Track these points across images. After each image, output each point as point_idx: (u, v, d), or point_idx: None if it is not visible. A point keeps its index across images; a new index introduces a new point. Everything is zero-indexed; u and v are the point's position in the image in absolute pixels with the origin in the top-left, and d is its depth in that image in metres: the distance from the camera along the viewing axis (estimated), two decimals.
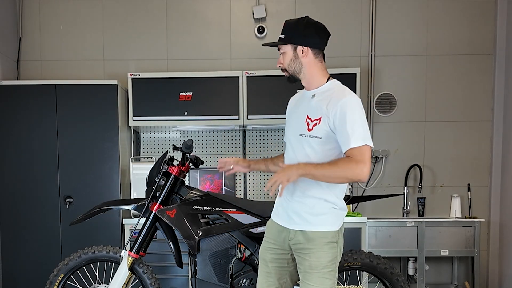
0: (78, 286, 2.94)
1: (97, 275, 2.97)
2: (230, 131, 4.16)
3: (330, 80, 2.05)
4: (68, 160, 3.63)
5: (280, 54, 2.07)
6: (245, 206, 2.59)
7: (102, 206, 2.73)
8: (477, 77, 4.14)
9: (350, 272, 2.88)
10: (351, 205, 3.90)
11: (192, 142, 2.56)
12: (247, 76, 3.76)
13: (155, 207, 2.59)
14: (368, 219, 3.71)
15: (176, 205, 2.56)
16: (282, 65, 2.07)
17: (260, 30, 4.11)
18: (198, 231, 2.51)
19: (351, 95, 1.94)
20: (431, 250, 3.82)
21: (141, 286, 2.73)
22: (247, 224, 2.56)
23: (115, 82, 3.66)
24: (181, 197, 2.65)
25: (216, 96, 3.78)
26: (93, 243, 2.81)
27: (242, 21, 4.17)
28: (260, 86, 3.76)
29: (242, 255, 2.60)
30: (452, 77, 4.15)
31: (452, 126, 4.16)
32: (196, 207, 2.57)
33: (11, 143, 3.62)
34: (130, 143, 4.00)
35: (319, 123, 1.96)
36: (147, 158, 4.00)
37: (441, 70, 4.15)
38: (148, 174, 2.70)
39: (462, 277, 4.18)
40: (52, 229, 3.63)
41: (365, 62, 4.14)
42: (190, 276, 2.69)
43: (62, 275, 2.71)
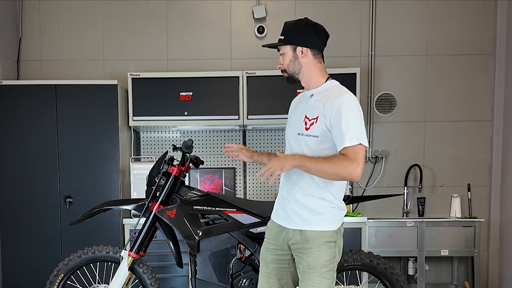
0: (78, 286, 2.94)
1: (97, 275, 2.97)
2: (230, 131, 4.16)
3: (329, 80, 2.06)
4: (68, 160, 3.63)
5: (280, 55, 2.09)
6: (245, 206, 2.60)
7: (102, 206, 2.73)
8: (477, 77, 4.14)
9: (350, 272, 2.88)
10: (351, 205, 3.90)
11: (192, 142, 2.56)
12: (247, 76, 3.76)
13: (155, 207, 2.59)
14: (368, 219, 3.72)
15: (176, 205, 2.57)
16: (282, 66, 2.09)
17: (260, 30, 4.12)
18: (198, 231, 2.51)
19: (347, 95, 1.95)
20: (431, 250, 3.82)
21: (141, 286, 2.73)
22: (247, 224, 2.56)
23: (115, 82, 3.66)
24: (181, 197, 2.65)
25: (216, 96, 3.78)
26: (93, 243, 2.82)
27: (242, 21, 4.17)
28: (260, 86, 3.76)
29: (242, 255, 2.60)
30: (452, 77, 4.15)
31: (452, 126, 4.16)
32: (196, 207, 2.57)
33: (11, 143, 3.62)
34: (130, 143, 4.00)
35: (316, 122, 1.97)
36: (147, 158, 4.00)
37: (441, 70, 4.15)
38: (148, 174, 2.71)
39: (462, 277, 4.18)
40: (52, 229, 3.63)
41: (365, 62, 4.14)
42: (190, 276, 2.69)
43: (62, 275, 2.71)
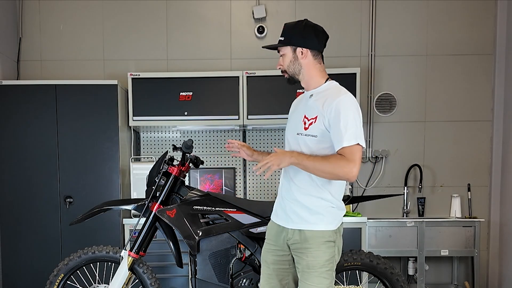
0: (78, 286, 2.94)
1: (97, 275, 2.97)
2: (230, 131, 4.16)
3: (328, 81, 2.08)
4: (68, 160, 3.63)
5: (280, 56, 2.10)
6: (245, 206, 2.60)
7: (102, 206, 2.73)
8: (477, 77, 4.14)
9: (350, 272, 2.88)
10: (351, 205, 3.90)
11: (192, 142, 2.56)
12: (247, 76, 3.76)
13: (155, 207, 2.59)
14: (368, 219, 3.72)
15: (176, 205, 2.57)
16: (282, 66, 2.10)
17: (260, 30, 4.12)
18: (198, 231, 2.51)
19: (346, 95, 1.97)
20: (431, 250, 3.82)
21: (141, 286, 2.73)
22: (247, 224, 2.56)
23: (115, 82, 3.66)
24: (181, 197, 2.65)
25: (216, 96, 3.78)
26: (93, 243, 2.82)
27: (242, 21, 4.17)
28: (260, 86, 3.75)
29: (242, 255, 2.60)
30: (452, 77, 4.15)
31: (452, 126, 4.16)
32: (196, 207, 2.57)
33: (11, 143, 3.62)
34: (130, 143, 4.00)
35: (315, 122, 1.99)
36: (147, 158, 4.00)
37: (441, 70, 4.15)
38: (148, 174, 2.71)
39: (462, 277, 4.18)
40: (52, 229, 3.63)
41: (365, 62, 4.14)
42: (190, 276, 2.69)
43: (62, 275, 2.71)
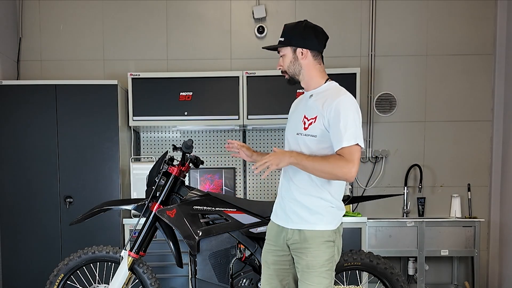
0: (78, 286, 2.94)
1: (97, 275, 2.97)
2: (230, 131, 4.16)
3: (328, 81, 2.09)
4: (68, 160, 3.63)
5: (280, 57, 2.11)
6: (245, 206, 2.60)
7: (102, 206, 2.73)
8: (477, 77, 4.14)
9: (350, 272, 2.88)
10: (351, 205, 3.90)
11: (192, 142, 2.56)
12: (247, 76, 3.76)
13: (155, 207, 2.59)
14: (368, 219, 3.72)
15: (176, 205, 2.57)
16: (282, 67, 2.11)
17: (260, 30, 4.11)
18: (198, 231, 2.51)
19: (346, 95, 1.98)
20: (431, 250, 3.82)
21: (141, 286, 2.73)
22: (247, 224, 2.56)
23: (115, 82, 3.66)
24: (181, 197, 2.65)
25: (216, 96, 3.78)
26: (93, 243, 2.82)
27: (242, 21, 4.17)
28: (260, 86, 3.75)
29: (242, 255, 2.60)
30: (452, 77, 4.15)
31: (452, 126, 4.16)
32: (196, 207, 2.57)
33: (11, 143, 3.62)
34: (130, 143, 4.00)
35: (315, 122, 1.99)
36: (147, 158, 4.00)
37: (441, 70, 4.15)
38: (148, 174, 2.71)
39: (462, 277, 4.18)
40: (52, 229, 3.63)
41: (365, 62, 4.14)
42: (190, 276, 2.69)
43: (62, 275, 2.71)
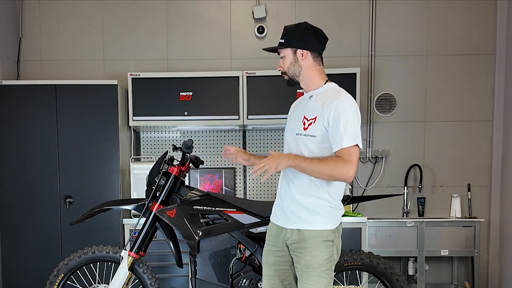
0: (78, 286, 2.94)
1: (97, 275, 2.97)
2: (230, 131, 4.16)
3: (328, 82, 2.10)
4: (68, 160, 3.63)
5: (280, 58, 2.12)
6: (245, 206, 2.60)
7: (102, 206, 2.73)
8: (477, 77, 4.14)
9: (350, 272, 2.88)
10: (351, 205, 3.90)
11: (192, 142, 2.56)
12: (247, 76, 3.76)
13: (155, 207, 2.59)
14: (368, 219, 3.72)
15: (176, 205, 2.57)
16: (282, 68, 2.13)
17: (260, 30, 4.11)
18: (198, 231, 2.51)
19: (346, 96, 2.00)
20: (431, 250, 3.82)
21: (141, 286, 2.73)
22: (247, 224, 2.56)
23: (115, 82, 3.66)
24: (181, 197, 2.65)
25: (216, 96, 3.78)
26: (93, 243, 2.82)
27: (242, 21, 4.17)
28: (260, 86, 3.75)
29: (242, 255, 2.60)
30: (452, 77, 4.15)
31: (452, 126, 4.16)
32: (196, 207, 2.57)
33: (11, 143, 3.62)
34: (130, 143, 4.00)
35: (314, 122, 2.01)
36: (147, 158, 4.00)
37: (441, 70, 4.15)
38: (148, 174, 2.71)
39: (462, 277, 4.18)
40: (52, 229, 3.63)
41: (365, 62, 4.14)
42: (190, 276, 2.69)
43: (62, 275, 2.71)
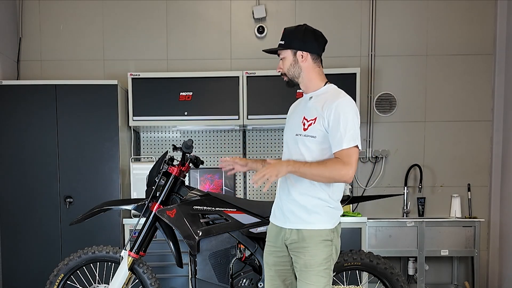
0: (78, 286, 2.94)
1: (97, 275, 2.97)
2: (230, 131, 4.16)
3: (327, 84, 2.12)
4: (68, 160, 3.63)
5: (280, 60, 2.14)
6: (245, 206, 2.60)
7: (102, 206, 2.73)
8: (477, 77, 4.14)
9: (350, 272, 2.88)
10: (351, 205, 3.90)
11: (192, 142, 2.56)
12: (247, 76, 3.76)
13: (155, 207, 2.59)
14: (368, 219, 3.72)
15: (176, 205, 2.57)
16: (281, 70, 2.14)
17: (260, 30, 4.11)
18: (198, 231, 2.51)
19: (345, 97, 2.01)
20: (431, 250, 3.82)
21: (141, 286, 2.73)
22: (247, 224, 2.56)
23: (115, 82, 3.66)
24: (181, 197, 2.65)
25: (216, 96, 3.78)
26: (93, 243, 2.82)
27: (242, 21, 4.17)
28: (260, 86, 3.76)
29: (242, 255, 2.60)
30: (452, 77, 4.15)
31: (452, 126, 4.16)
32: (196, 207, 2.57)
33: (11, 143, 3.62)
34: (130, 143, 4.00)
35: (314, 123, 2.02)
36: (147, 158, 4.00)
37: (441, 70, 4.15)
38: (148, 174, 2.71)
39: (462, 277, 4.18)
40: (52, 229, 3.63)
41: (365, 62, 4.14)
42: (190, 276, 2.69)
43: (62, 275, 2.71)
